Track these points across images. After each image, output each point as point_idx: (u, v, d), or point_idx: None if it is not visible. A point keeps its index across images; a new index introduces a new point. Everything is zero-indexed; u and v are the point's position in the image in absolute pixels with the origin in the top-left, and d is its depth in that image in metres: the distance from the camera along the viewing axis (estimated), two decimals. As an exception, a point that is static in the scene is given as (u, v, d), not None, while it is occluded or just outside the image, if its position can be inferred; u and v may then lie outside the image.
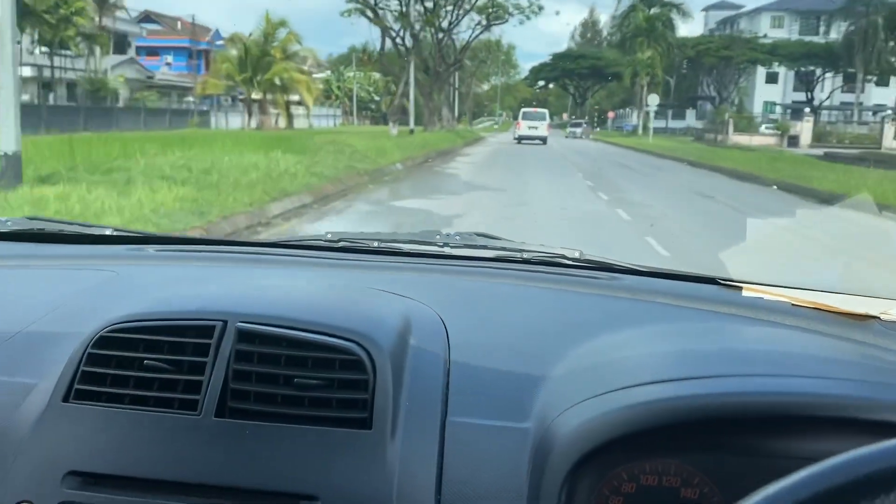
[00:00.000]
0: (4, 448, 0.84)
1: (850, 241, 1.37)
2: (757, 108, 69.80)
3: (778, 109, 64.50)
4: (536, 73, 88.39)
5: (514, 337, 1.02)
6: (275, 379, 0.82)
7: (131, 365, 0.84)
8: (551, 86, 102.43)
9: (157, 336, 0.85)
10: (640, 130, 50.83)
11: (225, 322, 0.84)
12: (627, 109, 75.41)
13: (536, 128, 40.38)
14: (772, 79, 68.09)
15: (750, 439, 0.75)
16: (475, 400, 0.85)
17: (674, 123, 65.49)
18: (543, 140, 39.67)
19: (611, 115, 71.07)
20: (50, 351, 0.94)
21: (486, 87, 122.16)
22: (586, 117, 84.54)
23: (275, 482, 0.77)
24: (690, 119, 69.24)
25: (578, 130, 51.16)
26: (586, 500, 0.75)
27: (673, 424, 0.74)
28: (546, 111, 46.32)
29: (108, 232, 1.53)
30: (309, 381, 0.81)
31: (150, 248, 1.41)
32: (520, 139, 40.44)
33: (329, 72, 68.84)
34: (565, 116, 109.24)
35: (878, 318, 1.07)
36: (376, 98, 76.64)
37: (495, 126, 74.62)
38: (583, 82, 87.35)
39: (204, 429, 0.80)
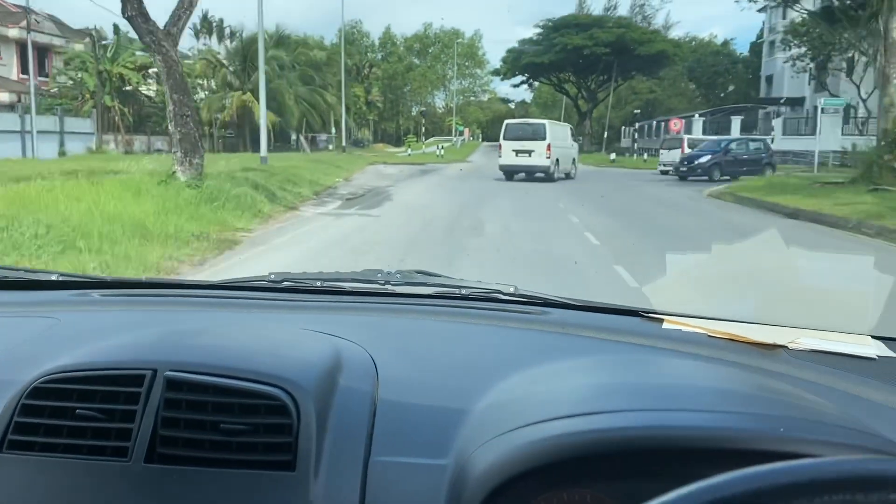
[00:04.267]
0: None
1: (762, 275, 1.41)
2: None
3: None
4: (514, 59, 53.69)
5: (443, 374, 1.03)
6: (202, 425, 0.84)
7: (65, 414, 0.86)
8: (534, 85, 67.75)
9: (89, 385, 0.87)
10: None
11: (154, 371, 0.87)
12: (671, 121, 40.54)
13: (530, 152, 22.70)
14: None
15: (659, 468, 0.78)
16: (399, 438, 0.87)
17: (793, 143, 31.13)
18: (545, 172, 22.75)
19: (676, 126, 36.31)
20: None
21: (441, 95, 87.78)
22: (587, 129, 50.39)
23: None
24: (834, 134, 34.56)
25: None
26: None
27: (583, 456, 0.78)
28: (545, 123, 24.59)
29: (53, 277, 1.50)
30: (235, 427, 0.83)
31: (95, 294, 1.41)
32: (507, 173, 23.40)
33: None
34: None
35: (786, 347, 1.14)
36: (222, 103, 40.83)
37: (439, 154, 39.08)
38: (591, 75, 53.34)
39: (134, 475, 0.83)
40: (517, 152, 22.81)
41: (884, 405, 0.98)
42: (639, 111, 53.45)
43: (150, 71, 36.90)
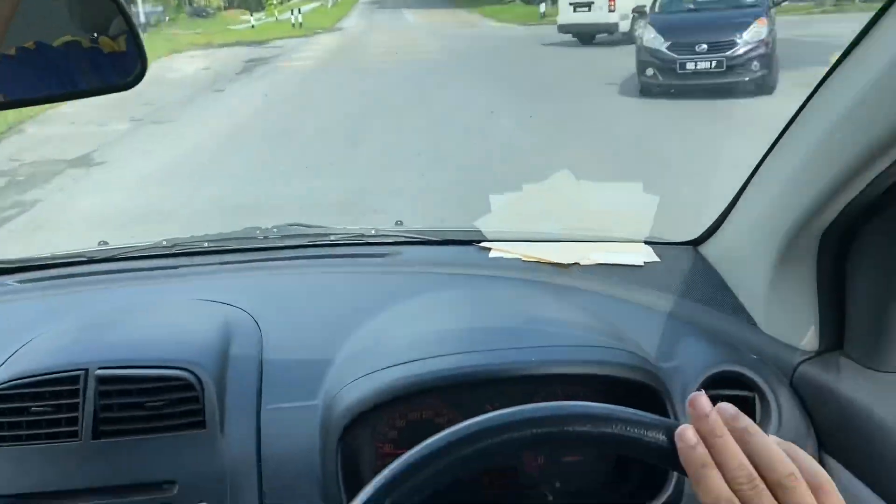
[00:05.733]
0: None
1: (560, 203, 1.81)
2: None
3: None
4: None
5: (313, 328, 1.31)
6: (132, 406, 1.09)
7: (22, 412, 1.09)
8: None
9: (38, 388, 1.10)
10: None
11: (86, 370, 1.10)
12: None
13: (589, 5, 16.55)
14: None
15: (470, 390, 1.13)
16: (281, 389, 1.15)
17: None
18: (611, 31, 16.39)
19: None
20: None
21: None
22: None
23: (144, 476, 1.07)
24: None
25: None
26: (369, 438, 1.11)
27: (418, 391, 1.08)
28: None
29: None
30: (156, 404, 1.09)
31: (10, 281, 1.57)
32: (576, 33, 17.44)
33: None
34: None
35: (578, 263, 1.44)
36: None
37: (296, 23, 27.40)
38: None
39: (86, 450, 1.07)
40: (575, 6, 17.13)
41: (645, 308, 1.31)
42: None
43: None
